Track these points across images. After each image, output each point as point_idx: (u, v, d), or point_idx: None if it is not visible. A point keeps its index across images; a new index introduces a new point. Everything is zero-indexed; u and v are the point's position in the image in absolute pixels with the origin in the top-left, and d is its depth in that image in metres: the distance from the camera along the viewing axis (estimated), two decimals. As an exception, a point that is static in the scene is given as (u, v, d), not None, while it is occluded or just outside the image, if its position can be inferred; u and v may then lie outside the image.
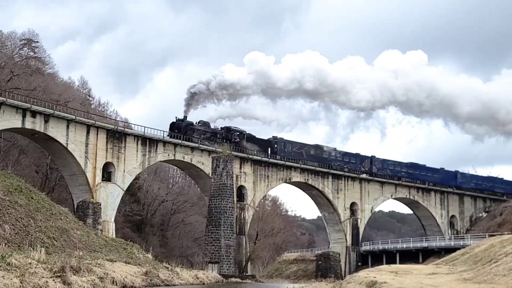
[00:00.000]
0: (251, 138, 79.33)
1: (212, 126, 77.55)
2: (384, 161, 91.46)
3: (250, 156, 77.74)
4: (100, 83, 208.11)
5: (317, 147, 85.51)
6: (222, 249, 69.59)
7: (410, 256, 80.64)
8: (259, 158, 78.54)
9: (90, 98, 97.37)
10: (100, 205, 63.05)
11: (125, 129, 67.04)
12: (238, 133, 78.19)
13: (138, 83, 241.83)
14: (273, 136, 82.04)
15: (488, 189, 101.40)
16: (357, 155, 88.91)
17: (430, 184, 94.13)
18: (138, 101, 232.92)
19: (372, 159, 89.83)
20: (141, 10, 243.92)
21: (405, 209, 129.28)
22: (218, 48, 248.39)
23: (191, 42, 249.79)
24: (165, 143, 70.77)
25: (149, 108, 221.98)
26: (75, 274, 33.31)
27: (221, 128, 78.62)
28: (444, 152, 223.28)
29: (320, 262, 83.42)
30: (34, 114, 59.87)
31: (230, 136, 77.17)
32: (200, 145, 73.28)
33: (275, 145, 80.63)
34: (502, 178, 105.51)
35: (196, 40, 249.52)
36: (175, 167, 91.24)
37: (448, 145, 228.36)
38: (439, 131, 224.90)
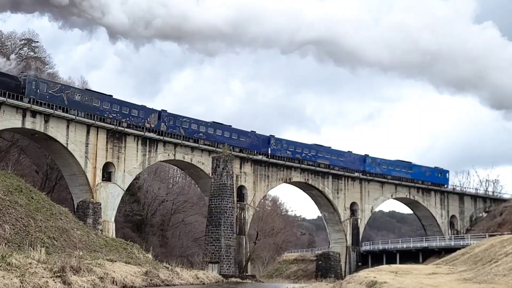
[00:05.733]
0: None
1: None
2: (177, 117, 73.27)
3: (250, 156, 77.67)
4: (119, 83, 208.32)
5: (86, 92, 66.83)
6: (222, 249, 69.58)
7: (410, 256, 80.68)
8: (259, 158, 78.49)
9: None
10: (100, 205, 63.03)
11: (125, 129, 66.96)
12: None
13: (158, 84, 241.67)
14: (22, 72, 63.68)
15: (309, 159, 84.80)
16: (142, 108, 70.53)
17: (243, 151, 77.68)
18: (156, 102, 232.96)
19: (161, 113, 71.66)
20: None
21: (405, 209, 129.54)
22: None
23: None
24: (165, 143, 70.75)
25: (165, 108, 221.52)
26: (75, 274, 33.31)
27: None
28: (446, 153, 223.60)
29: (320, 262, 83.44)
30: (34, 114, 59.87)
31: None
32: (200, 145, 73.24)
33: (25, 84, 60.41)
34: (330, 147, 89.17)
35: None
36: (175, 167, 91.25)
37: (450, 146, 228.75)
38: (443, 132, 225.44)
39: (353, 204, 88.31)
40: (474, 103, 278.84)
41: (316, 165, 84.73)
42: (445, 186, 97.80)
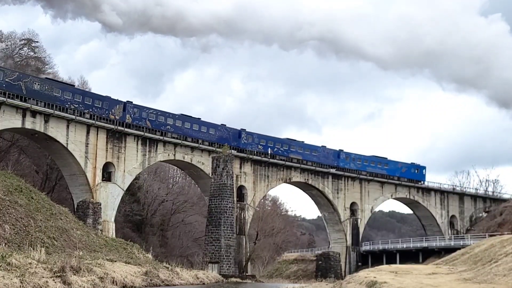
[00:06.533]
0: None
1: None
2: (143, 108, 70.10)
3: (250, 156, 77.65)
4: (122, 83, 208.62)
5: (46, 82, 62.85)
6: (222, 249, 69.58)
7: (410, 256, 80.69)
8: (259, 158, 78.46)
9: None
10: (100, 205, 63.05)
11: (125, 129, 66.94)
12: None
13: (161, 84, 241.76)
14: None
15: (282, 154, 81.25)
16: (106, 98, 66.86)
17: (212, 144, 74.65)
18: (158, 103, 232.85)
19: (126, 104, 68.08)
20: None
21: (405, 209, 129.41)
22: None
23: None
24: (165, 143, 70.74)
25: (167, 109, 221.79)
26: (75, 274, 33.29)
27: None
28: (446, 153, 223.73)
29: (320, 262, 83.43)
30: (34, 114, 59.87)
31: None
32: (200, 145, 73.21)
33: None
34: (303, 142, 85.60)
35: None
36: (175, 167, 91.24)
37: (451, 146, 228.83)
38: (443, 132, 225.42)
39: (353, 204, 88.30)
40: (475, 102, 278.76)
41: (316, 165, 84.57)
42: (422, 182, 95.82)
